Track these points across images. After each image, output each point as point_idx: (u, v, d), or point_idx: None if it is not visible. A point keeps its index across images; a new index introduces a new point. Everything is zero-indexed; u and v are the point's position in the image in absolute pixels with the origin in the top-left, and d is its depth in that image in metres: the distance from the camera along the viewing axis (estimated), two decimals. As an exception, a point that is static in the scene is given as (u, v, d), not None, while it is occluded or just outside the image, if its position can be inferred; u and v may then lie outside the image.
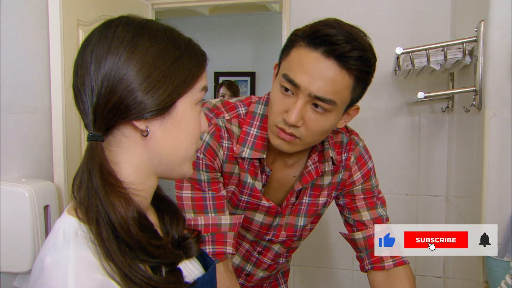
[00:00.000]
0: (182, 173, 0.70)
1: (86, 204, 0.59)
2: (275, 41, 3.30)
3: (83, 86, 0.61)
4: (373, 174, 1.15)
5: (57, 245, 0.58)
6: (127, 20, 0.65)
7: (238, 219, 1.03)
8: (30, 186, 1.47)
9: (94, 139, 0.61)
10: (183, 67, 0.64)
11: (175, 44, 0.64)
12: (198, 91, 0.67)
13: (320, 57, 0.88)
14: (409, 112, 2.03)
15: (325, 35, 0.87)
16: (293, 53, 0.92)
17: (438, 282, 2.05)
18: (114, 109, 0.60)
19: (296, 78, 0.89)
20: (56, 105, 1.67)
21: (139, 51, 0.61)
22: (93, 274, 0.56)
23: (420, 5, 1.96)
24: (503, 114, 1.16)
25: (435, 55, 1.43)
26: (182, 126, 0.65)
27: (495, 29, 1.16)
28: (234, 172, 1.04)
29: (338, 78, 0.88)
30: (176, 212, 0.76)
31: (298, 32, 0.93)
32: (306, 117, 0.91)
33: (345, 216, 1.15)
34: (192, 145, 0.68)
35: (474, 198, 1.31)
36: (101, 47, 0.61)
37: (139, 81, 0.60)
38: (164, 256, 0.62)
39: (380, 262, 1.10)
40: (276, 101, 0.94)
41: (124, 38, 0.62)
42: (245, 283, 1.23)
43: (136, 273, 0.58)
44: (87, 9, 1.82)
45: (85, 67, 0.61)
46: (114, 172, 0.62)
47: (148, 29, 0.64)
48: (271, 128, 0.96)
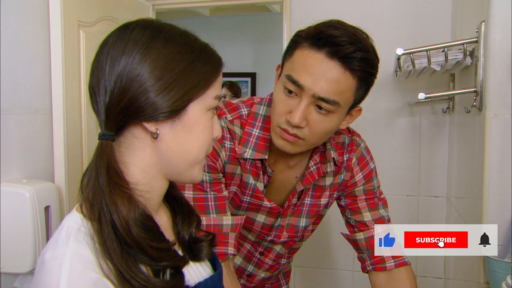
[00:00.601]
0: (191, 177, 0.69)
1: (91, 201, 0.60)
2: (275, 42, 3.30)
3: (98, 86, 0.62)
4: (375, 175, 1.15)
5: (59, 241, 0.59)
6: (144, 22, 0.65)
7: (240, 220, 1.03)
8: (31, 187, 1.47)
9: (105, 138, 0.62)
10: (196, 71, 0.64)
11: (190, 48, 0.65)
12: (211, 98, 0.67)
13: (324, 58, 0.88)
14: (410, 113, 2.03)
15: (329, 36, 0.87)
16: (297, 54, 0.92)
17: (439, 283, 2.05)
18: (125, 109, 0.61)
19: (299, 79, 0.89)
20: (57, 106, 1.67)
21: (152, 53, 0.62)
22: (87, 271, 0.56)
23: (420, 6, 1.96)
24: (504, 115, 1.16)
25: (435, 56, 1.43)
26: (193, 130, 0.65)
27: (495, 30, 1.16)
28: (236, 173, 1.04)
29: (341, 79, 0.88)
30: (189, 213, 0.76)
31: (301, 33, 0.93)
32: (310, 118, 0.91)
33: (346, 216, 1.15)
34: (202, 150, 0.67)
35: (475, 199, 1.31)
36: (116, 48, 0.62)
37: (151, 82, 0.61)
38: (164, 259, 0.62)
39: (381, 263, 1.10)
40: (279, 102, 0.94)
41: (139, 40, 0.62)
42: (246, 283, 1.23)
43: (132, 274, 0.58)
44: (88, 10, 1.82)
45: (101, 68, 0.62)
46: (122, 172, 0.62)
47: (164, 32, 0.64)
48: (274, 129, 0.96)
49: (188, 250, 0.73)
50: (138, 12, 2.18)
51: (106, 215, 0.59)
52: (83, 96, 1.80)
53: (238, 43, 4.12)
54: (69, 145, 1.71)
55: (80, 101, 1.79)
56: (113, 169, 0.61)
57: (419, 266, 2.05)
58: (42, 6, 1.65)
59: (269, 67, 4.05)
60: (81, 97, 1.79)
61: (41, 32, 1.65)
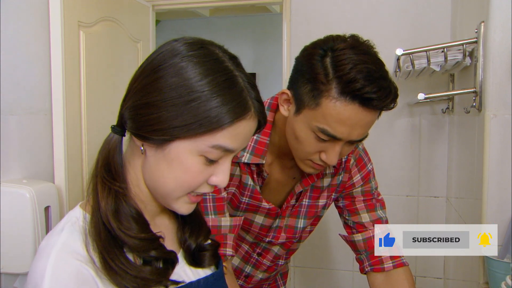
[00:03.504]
0: (171, 207, 0.67)
1: (89, 190, 0.64)
2: (275, 42, 3.30)
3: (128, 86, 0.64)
4: (373, 176, 1.15)
5: (54, 231, 0.62)
6: (185, 40, 0.62)
7: (238, 221, 1.03)
8: (31, 187, 1.47)
9: (114, 131, 0.65)
10: (199, 110, 0.57)
11: (210, 81, 0.58)
12: (207, 146, 0.59)
13: (358, 109, 0.84)
14: (410, 113, 2.03)
15: (361, 93, 0.83)
16: (326, 106, 0.85)
17: (438, 283, 2.05)
18: (125, 112, 0.63)
19: (336, 133, 0.87)
20: (57, 107, 1.67)
21: (167, 73, 0.59)
22: (71, 259, 0.58)
23: (420, 6, 1.96)
24: (504, 115, 1.16)
25: (435, 56, 1.43)
26: (173, 166, 0.61)
27: (495, 30, 1.16)
28: (235, 174, 1.04)
29: (373, 119, 0.89)
30: (199, 224, 0.77)
31: (322, 79, 0.85)
32: (342, 152, 0.93)
33: (344, 218, 1.16)
34: (178, 189, 0.63)
35: (474, 199, 1.31)
36: (150, 58, 0.63)
37: (153, 99, 0.59)
38: (146, 249, 0.63)
39: (379, 264, 1.10)
40: (311, 145, 0.91)
41: (180, 52, 0.60)
42: (244, 284, 1.23)
43: (115, 259, 0.60)
44: (88, 11, 1.82)
45: (140, 73, 0.63)
46: (119, 166, 0.64)
47: (187, 57, 0.59)
48: (303, 161, 0.96)
49: (191, 256, 0.74)
50: (138, 13, 2.18)
51: (96, 203, 0.62)
52: (83, 96, 1.80)
53: (238, 43, 4.12)
54: (69, 145, 1.71)
55: (80, 101, 1.79)
56: (107, 162, 0.64)
57: (419, 266, 2.05)
58: (42, 6, 1.65)
59: (269, 68, 4.05)
60: (81, 97, 1.79)
61: (41, 32, 1.65)
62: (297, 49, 0.95)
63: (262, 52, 4.12)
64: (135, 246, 0.62)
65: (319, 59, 0.86)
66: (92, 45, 1.83)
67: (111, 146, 0.64)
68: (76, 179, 1.75)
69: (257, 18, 4.04)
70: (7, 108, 1.51)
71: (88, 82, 1.80)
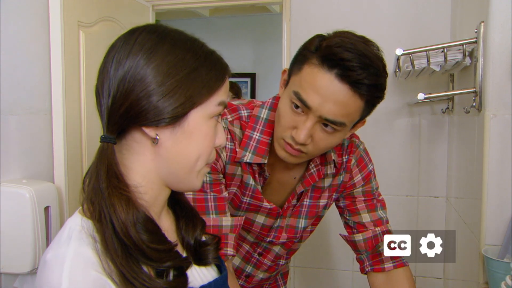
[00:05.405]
0: (190, 185, 0.69)
1: (92, 201, 0.61)
2: (275, 42, 3.30)
3: (102, 88, 0.63)
4: (373, 176, 1.15)
5: (61, 241, 0.60)
6: (151, 27, 0.66)
7: (239, 221, 1.03)
8: (30, 187, 1.47)
9: (106, 141, 0.62)
10: (199, 78, 0.64)
11: (195, 54, 0.64)
12: (214, 105, 0.66)
13: (334, 80, 0.86)
14: (409, 113, 2.03)
15: (340, 59, 0.85)
16: (306, 70, 0.89)
17: (438, 283, 2.05)
18: (126, 113, 0.61)
19: (307, 99, 0.88)
20: (57, 106, 1.67)
21: (157, 58, 0.62)
22: (88, 270, 0.56)
23: (420, 6, 1.96)
24: (503, 115, 1.16)
25: (435, 56, 1.43)
26: (193, 138, 0.65)
27: (495, 30, 1.16)
28: (236, 174, 1.04)
29: (350, 102, 0.87)
30: (193, 217, 0.76)
31: (310, 47, 0.90)
32: (315, 136, 0.92)
33: (345, 218, 1.16)
34: (202, 157, 0.67)
35: (474, 199, 1.31)
36: (122, 52, 0.62)
37: (153, 87, 0.61)
38: (166, 260, 0.62)
39: (380, 264, 1.10)
40: (285, 116, 0.93)
41: (145, 44, 0.62)
42: (245, 284, 1.23)
43: (134, 274, 0.58)
44: (88, 10, 1.83)
45: (106, 71, 0.63)
46: (122, 174, 0.63)
47: (169, 38, 0.64)
48: (277, 140, 0.96)
49: (194, 254, 0.73)
50: (138, 13, 2.18)
51: (106, 217, 0.59)
52: (83, 96, 1.80)
53: (238, 43, 4.12)
54: (69, 145, 1.71)
55: (80, 101, 1.79)
56: (113, 172, 0.61)
57: (419, 266, 2.05)
58: (42, 7, 1.65)
59: (269, 68, 4.05)
60: (81, 97, 1.79)
61: (41, 33, 1.65)
62: (296, 49, 0.96)
63: (262, 52, 4.12)
64: (155, 257, 0.61)
65: (315, 38, 0.92)
66: (92, 45, 1.83)
67: (109, 155, 0.62)
68: (76, 179, 1.75)
69: (257, 18, 4.04)
70: (7, 108, 1.51)
71: (88, 82, 1.80)
